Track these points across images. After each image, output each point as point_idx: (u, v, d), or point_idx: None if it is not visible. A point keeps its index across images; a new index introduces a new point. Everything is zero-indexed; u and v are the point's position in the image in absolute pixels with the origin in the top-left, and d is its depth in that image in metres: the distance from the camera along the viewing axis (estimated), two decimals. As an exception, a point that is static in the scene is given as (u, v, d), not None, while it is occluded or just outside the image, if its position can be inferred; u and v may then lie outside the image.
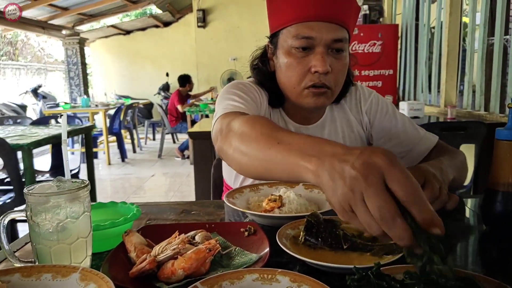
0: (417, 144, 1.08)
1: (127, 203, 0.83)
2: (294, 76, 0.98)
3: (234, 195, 0.95)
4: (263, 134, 0.69)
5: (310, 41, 0.95)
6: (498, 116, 2.63)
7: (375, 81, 4.11)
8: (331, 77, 0.97)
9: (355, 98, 1.15)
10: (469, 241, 0.81)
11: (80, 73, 8.99)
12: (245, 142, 0.72)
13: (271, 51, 1.06)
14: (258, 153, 0.67)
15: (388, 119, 1.12)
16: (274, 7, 1.02)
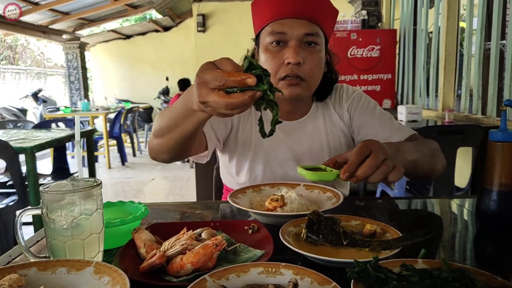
0: (391, 136, 1.10)
1: (135, 202, 0.86)
2: (270, 69, 1.04)
3: (237, 195, 0.98)
4: (168, 108, 0.91)
5: (283, 35, 1.04)
6: (495, 119, 2.66)
7: (374, 85, 4.15)
8: (305, 68, 1.03)
9: (339, 95, 1.20)
10: (464, 237, 0.85)
11: (80, 77, 9.04)
12: (159, 128, 0.92)
13: (256, 52, 1.15)
14: (166, 122, 0.88)
15: (366, 114, 1.16)
16: (256, 11, 1.12)
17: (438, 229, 0.87)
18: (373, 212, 0.97)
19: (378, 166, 0.77)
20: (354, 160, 0.78)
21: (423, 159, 0.96)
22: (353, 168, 0.77)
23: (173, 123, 0.84)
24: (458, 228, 0.89)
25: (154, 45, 10.21)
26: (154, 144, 0.97)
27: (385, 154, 0.79)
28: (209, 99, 0.64)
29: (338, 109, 1.19)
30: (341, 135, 1.18)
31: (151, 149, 1.00)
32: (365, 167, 0.77)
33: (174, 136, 0.87)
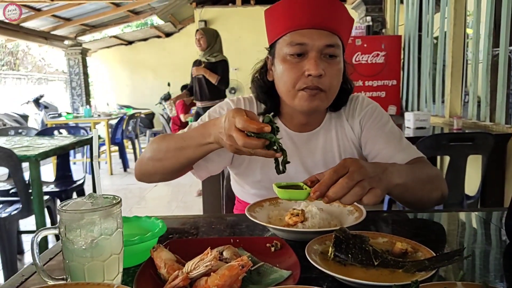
0: (394, 156, 1.05)
1: (151, 217, 0.83)
2: (289, 80, 1.02)
3: (254, 209, 0.95)
4: (171, 136, 1.04)
5: (303, 47, 1.00)
6: (504, 127, 2.63)
7: (379, 91, 4.13)
8: (325, 80, 1.00)
9: (353, 107, 1.16)
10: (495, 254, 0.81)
11: (82, 83, 9.03)
12: (159, 149, 1.03)
13: (270, 61, 1.11)
14: (173, 147, 0.99)
15: (375, 129, 1.12)
16: (271, 20, 1.08)
17: (467, 246, 0.83)
18: (394, 227, 0.94)
19: (350, 187, 0.74)
20: (327, 179, 0.74)
21: (415, 184, 0.90)
22: (324, 187, 0.74)
23: (182, 149, 0.97)
24: (486, 244, 0.86)
25: (156, 51, 10.21)
26: (150, 166, 1.05)
27: (362, 175, 0.75)
28: (234, 134, 0.79)
29: (351, 121, 1.15)
30: (353, 147, 1.15)
31: (142, 171, 1.08)
32: (337, 187, 0.74)
33: (179, 160, 0.99)
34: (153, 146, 1.04)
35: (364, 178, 0.74)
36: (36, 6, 6.95)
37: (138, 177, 1.09)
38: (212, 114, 1.18)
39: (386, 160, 1.06)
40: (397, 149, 1.06)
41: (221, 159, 1.13)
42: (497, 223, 0.97)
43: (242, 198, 1.28)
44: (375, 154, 1.10)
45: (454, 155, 2.32)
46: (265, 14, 1.10)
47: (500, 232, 0.91)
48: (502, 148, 2.53)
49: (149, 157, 1.04)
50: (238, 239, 0.80)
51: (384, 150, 1.07)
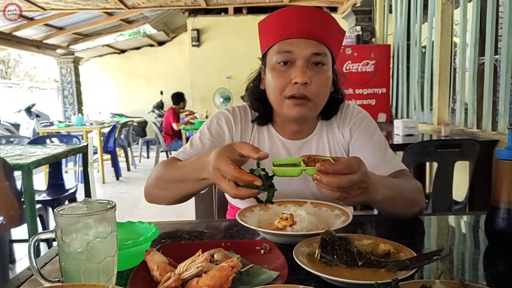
0: (378, 167, 1.06)
1: (144, 222, 0.86)
2: (277, 87, 1.06)
3: (245, 213, 0.98)
4: (173, 166, 1.06)
5: (291, 55, 1.04)
6: (491, 133, 2.70)
7: (369, 99, 4.19)
8: (312, 89, 1.03)
9: (344, 115, 1.20)
10: (475, 255, 0.85)
11: (74, 92, 9.01)
12: (162, 180, 1.06)
13: (263, 71, 1.16)
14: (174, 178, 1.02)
15: (362, 138, 1.14)
16: (263, 31, 1.13)
17: (448, 247, 0.87)
18: (379, 230, 0.97)
19: (351, 189, 0.75)
20: (340, 168, 0.73)
21: (397, 199, 0.92)
22: (332, 172, 0.73)
23: (181, 182, 0.99)
24: (467, 246, 0.90)
25: (149, 59, 10.25)
26: (156, 193, 1.08)
27: (365, 183, 0.77)
28: (221, 185, 0.81)
29: (342, 129, 1.19)
30: (345, 154, 1.18)
31: (150, 197, 1.10)
32: (345, 181, 0.73)
33: (180, 191, 1.02)
34: (157, 174, 1.06)
35: (360, 186, 0.77)
36: (29, 15, 6.96)
37: (149, 201, 1.12)
38: (210, 126, 1.21)
39: (370, 170, 1.10)
40: (382, 160, 1.09)
41: None
42: (479, 226, 1.01)
43: (234, 204, 1.31)
44: None
45: (441, 162, 2.37)
46: (258, 26, 1.14)
47: (480, 234, 0.95)
48: (488, 154, 2.59)
49: (154, 184, 1.07)
50: (229, 243, 0.83)
51: (370, 160, 1.10)
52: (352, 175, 0.74)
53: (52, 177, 3.42)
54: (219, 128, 1.20)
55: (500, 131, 2.66)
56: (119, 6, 6.59)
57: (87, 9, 6.73)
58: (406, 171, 1.09)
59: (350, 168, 0.74)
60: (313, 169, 0.75)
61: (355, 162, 0.75)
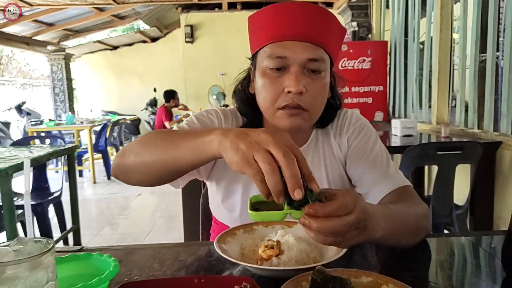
0: (378, 184, 0.95)
1: (104, 255, 0.73)
2: (268, 97, 0.93)
3: (226, 239, 0.85)
4: (164, 134, 0.83)
5: (284, 60, 0.91)
6: (493, 134, 2.58)
7: (365, 97, 4.08)
8: (307, 98, 0.91)
9: (341, 123, 1.07)
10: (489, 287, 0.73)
11: (65, 89, 8.84)
12: (146, 144, 0.83)
13: (252, 72, 1.02)
14: (163, 147, 0.78)
15: (360, 150, 1.01)
16: (253, 28, 0.99)
17: (459, 280, 0.75)
18: (379, 258, 0.85)
19: (347, 231, 0.61)
20: (332, 208, 0.59)
21: (400, 231, 0.77)
22: (322, 214, 0.59)
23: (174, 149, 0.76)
24: (482, 278, 0.77)
25: (142, 56, 10.07)
26: (131, 161, 0.84)
27: (363, 223, 0.63)
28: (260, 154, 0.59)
29: (338, 139, 1.06)
30: (341, 167, 1.05)
31: (120, 165, 0.87)
32: (339, 224, 0.59)
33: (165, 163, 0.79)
34: (142, 139, 0.86)
35: (357, 226, 0.63)
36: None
37: (114, 172, 0.90)
38: (199, 117, 1.07)
39: (369, 186, 0.97)
40: (383, 175, 0.96)
41: (203, 168, 1.04)
42: (488, 250, 0.88)
43: (219, 219, 1.18)
44: (358, 178, 1.01)
45: (442, 165, 2.25)
46: (248, 21, 1.00)
47: (497, 263, 0.82)
48: (490, 157, 2.48)
49: (135, 149, 0.85)
50: (203, 279, 0.70)
51: (368, 175, 0.98)
52: (347, 217, 0.60)
53: (36, 180, 3.27)
54: (208, 122, 1.06)
55: (503, 132, 2.55)
56: (108, 2, 6.42)
57: (76, 5, 6.56)
58: (410, 188, 0.96)
59: (345, 208, 0.60)
60: (299, 212, 0.62)
61: (350, 200, 0.61)
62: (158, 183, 0.86)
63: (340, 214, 0.60)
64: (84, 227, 3.87)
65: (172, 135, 0.79)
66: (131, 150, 0.85)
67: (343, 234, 0.61)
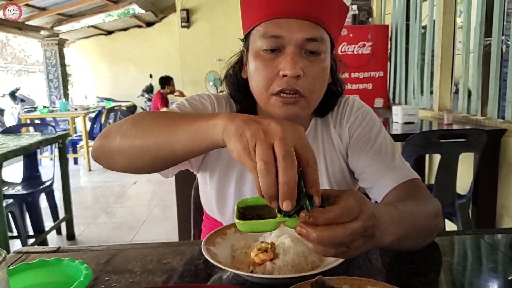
0: (382, 177, 0.87)
1: (75, 262, 0.64)
2: (261, 81, 0.84)
3: (215, 239, 0.77)
4: (159, 114, 0.71)
5: (279, 40, 0.81)
6: (497, 121, 2.49)
7: (365, 83, 3.97)
8: (304, 83, 0.81)
9: (341, 111, 0.97)
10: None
11: (59, 75, 8.69)
12: (137, 125, 0.71)
13: (245, 55, 0.92)
14: (157, 129, 0.68)
15: (363, 141, 0.92)
16: (246, 6, 0.89)
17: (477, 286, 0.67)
18: (385, 261, 0.77)
19: (353, 240, 0.53)
20: (334, 214, 0.51)
21: (411, 235, 0.69)
22: (323, 221, 0.51)
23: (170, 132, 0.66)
24: (500, 282, 0.70)
25: (137, 41, 9.89)
26: (117, 143, 0.73)
27: (371, 227, 0.55)
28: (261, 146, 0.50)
29: (339, 129, 0.97)
30: (342, 160, 0.96)
31: (102, 146, 0.76)
32: (343, 234, 0.51)
33: (158, 151, 0.68)
34: (132, 118, 0.75)
35: (364, 234, 0.54)
36: (8, -5, 6.59)
37: (95, 154, 0.79)
38: (191, 101, 0.98)
39: (373, 180, 0.88)
40: (388, 167, 0.87)
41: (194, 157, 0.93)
42: (506, 251, 0.81)
43: (210, 214, 1.10)
44: (360, 171, 0.92)
45: (445, 153, 2.17)
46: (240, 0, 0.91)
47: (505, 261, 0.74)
48: (495, 145, 2.39)
49: (120, 130, 0.73)
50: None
51: (372, 167, 0.89)
52: (352, 224, 0.52)
53: (27, 169, 3.19)
54: (200, 107, 0.97)
55: (508, 119, 2.46)
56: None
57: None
58: (418, 181, 0.87)
59: (349, 214, 0.52)
60: (294, 220, 0.53)
61: (355, 203, 0.52)
62: (147, 170, 0.76)
63: (343, 221, 0.51)
64: (79, 215, 3.81)
65: (169, 116, 0.69)
66: (118, 130, 0.74)
67: (347, 244, 0.53)
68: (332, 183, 0.95)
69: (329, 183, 0.95)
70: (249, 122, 0.54)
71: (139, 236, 3.42)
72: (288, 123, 0.53)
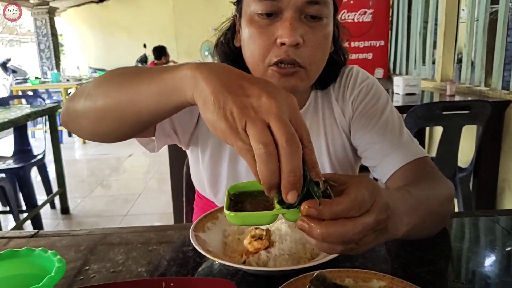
0: (389, 155, 0.79)
1: (48, 252, 0.58)
2: (256, 50, 0.74)
3: (205, 225, 0.71)
4: (124, 70, 0.62)
5: (276, 3, 0.71)
6: (501, 93, 2.41)
7: (365, 53, 3.86)
8: (305, 52, 0.72)
9: (344, 83, 0.88)
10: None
11: (50, 45, 8.46)
12: (101, 83, 0.63)
13: (238, 20, 0.82)
14: (119, 86, 0.59)
15: (368, 116, 0.85)
16: None
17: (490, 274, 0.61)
18: (390, 248, 0.71)
19: (364, 236, 0.45)
20: (343, 207, 0.43)
21: (424, 223, 0.62)
22: (329, 215, 0.43)
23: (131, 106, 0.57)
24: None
25: (130, 10, 9.58)
26: (81, 105, 0.64)
27: (384, 221, 0.47)
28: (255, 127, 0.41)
29: (341, 102, 0.88)
30: (344, 137, 0.88)
31: (69, 109, 0.67)
32: (353, 230, 0.43)
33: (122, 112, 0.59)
34: (99, 77, 0.65)
35: (376, 228, 0.47)
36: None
37: (63, 118, 0.70)
38: None
39: (378, 158, 0.81)
40: (395, 145, 0.80)
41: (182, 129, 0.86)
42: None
43: (202, 193, 1.04)
44: (364, 148, 0.84)
45: (448, 126, 2.10)
46: None
47: None
48: (498, 117, 2.32)
49: (85, 90, 0.65)
50: (173, 282, 0.56)
51: (377, 144, 0.82)
52: (364, 218, 0.44)
53: (18, 142, 3.10)
54: None
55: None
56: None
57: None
58: (428, 159, 0.80)
59: (361, 207, 0.44)
60: (295, 212, 0.46)
61: (367, 194, 0.44)
62: (115, 136, 0.66)
63: (353, 214, 0.43)
64: (74, 189, 3.77)
65: (135, 71, 0.60)
66: (83, 91, 0.65)
67: (356, 241, 0.46)
68: (333, 162, 0.88)
69: (330, 162, 0.87)
70: (231, 88, 0.44)
71: (135, 209, 3.39)
72: (280, 93, 0.44)
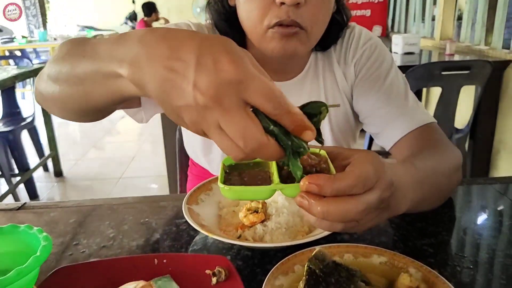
0: (394, 121, 0.75)
1: (33, 229, 0.55)
2: (254, 10, 0.69)
3: (198, 196, 0.68)
4: (70, 51, 0.52)
5: None
6: (502, 52, 2.35)
7: (363, 9, 3.73)
8: (306, 12, 0.67)
9: (346, 45, 0.83)
10: None
11: (36, 2, 8.12)
12: (54, 65, 0.53)
13: None
14: (66, 73, 0.50)
15: (371, 79, 0.80)
16: None
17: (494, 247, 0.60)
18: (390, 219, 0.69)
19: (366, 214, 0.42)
20: (346, 184, 0.40)
21: (430, 197, 0.60)
22: (331, 192, 0.40)
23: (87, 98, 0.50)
24: (516, 243, 0.62)
25: (117, -38, 9.16)
26: (43, 88, 0.57)
27: (387, 199, 0.44)
28: (232, 112, 0.35)
29: (343, 65, 0.83)
30: (346, 102, 0.84)
31: (38, 91, 0.60)
32: (355, 209, 0.40)
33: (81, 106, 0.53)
34: (55, 54, 0.56)
35: (379, 206, 0.43)
36: None
37: (36, 98, 0.62)
38: None
39: (382, 124, 0.77)
40: (399, 110, 0.76)
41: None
42: None
43: (196, 161, 1.01)
44: (367, 114, 0.81)
45: (446, 87, 2.06)
46: None
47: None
48: (498, 77, 2.28)
49: (45, 71, 0.57)
50: (166, 259, 0.53)
51: (381, 110, 0.78)
52: (367, 196, 0.41)
53: (6, 105, 3.02)
54: None
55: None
56: None
57: None
58: (435, 126, 0.76)
59: (365, 184, 0.40)
60: (295, 187, 0.43)
61: (372, 171, 0.41)
62: (90, 119, 0.60)
63: (357, 192, 0.40)
64: (66, 152, 3.73)
65: (80, 52, 0.49)
66: (43, 72, 0.58)
67: (358, 219, 0.43)
68: (333, 129, 0.84)
69: (330, 129, 0.84)
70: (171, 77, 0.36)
71: (129, 172, 3.38)
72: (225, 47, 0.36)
